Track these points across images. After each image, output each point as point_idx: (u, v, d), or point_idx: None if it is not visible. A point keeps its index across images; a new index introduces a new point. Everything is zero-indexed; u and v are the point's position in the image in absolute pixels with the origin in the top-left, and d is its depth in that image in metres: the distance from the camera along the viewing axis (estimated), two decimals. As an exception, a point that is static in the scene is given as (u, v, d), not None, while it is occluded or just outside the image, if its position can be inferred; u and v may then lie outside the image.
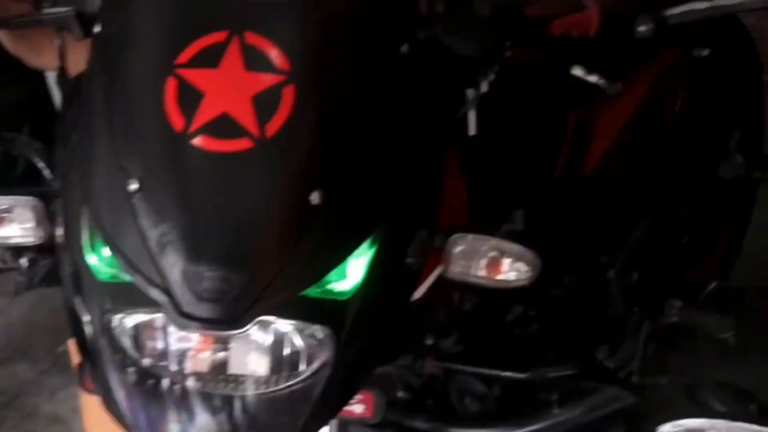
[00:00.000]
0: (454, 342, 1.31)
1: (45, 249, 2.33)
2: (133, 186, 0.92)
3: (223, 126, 0.92)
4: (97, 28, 1.04)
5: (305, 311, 0.94)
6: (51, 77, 2.16)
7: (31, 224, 1.22)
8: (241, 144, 0.91)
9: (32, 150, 2.26)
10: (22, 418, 2.51)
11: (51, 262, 2.28)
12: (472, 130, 1.10)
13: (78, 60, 1.17)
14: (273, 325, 0.93)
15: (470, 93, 1.09)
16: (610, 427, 1.30)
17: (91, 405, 1.96)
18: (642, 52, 1.22)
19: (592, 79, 1.09)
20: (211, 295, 0.89)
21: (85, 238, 0.99)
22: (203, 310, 0.89)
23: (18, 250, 2.27)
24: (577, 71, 1.08)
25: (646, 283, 1.52)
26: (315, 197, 0.91)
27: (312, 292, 0.93)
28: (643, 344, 1.46)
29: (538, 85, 1.27)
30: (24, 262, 2.25)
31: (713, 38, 1.61)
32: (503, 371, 1.33)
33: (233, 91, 0.93)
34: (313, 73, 0.94)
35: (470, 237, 1.06)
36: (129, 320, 0.96)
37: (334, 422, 1.19)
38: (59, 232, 1.14)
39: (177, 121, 0.92)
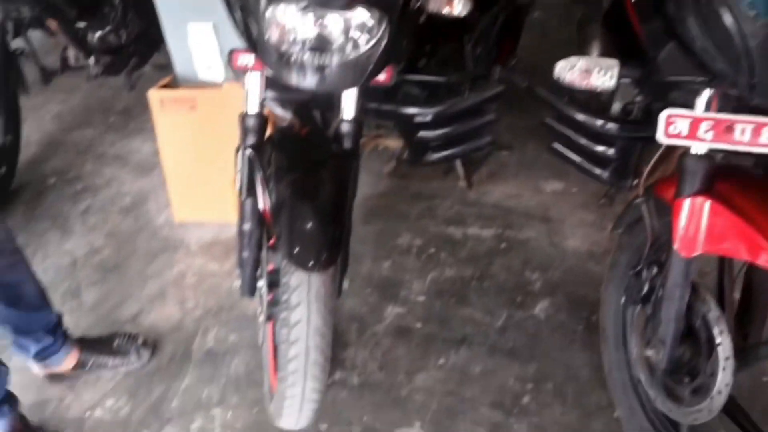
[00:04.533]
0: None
1: (108, 50, 3.03)
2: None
3: None
4: None
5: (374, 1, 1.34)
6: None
7: None
8: None
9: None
10: (96, 158, 3.13)
11: (110, 60, 2.98)
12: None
13: None
14: (359, 9, 1.34)
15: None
16: (489, 106, 2.16)
17: (164, 125, 2.65)
18: None
19: None
20: None
21: None
22: None
23: (89, 51, 2.94)
24: None
25: (487, 53, 2.46)
26: None
27: None
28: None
29: None
30: (92, 60, 2.96)
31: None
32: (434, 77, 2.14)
33: None
34: None
35: None
36: (280, 9, 1.33)
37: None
38: None
39: None
